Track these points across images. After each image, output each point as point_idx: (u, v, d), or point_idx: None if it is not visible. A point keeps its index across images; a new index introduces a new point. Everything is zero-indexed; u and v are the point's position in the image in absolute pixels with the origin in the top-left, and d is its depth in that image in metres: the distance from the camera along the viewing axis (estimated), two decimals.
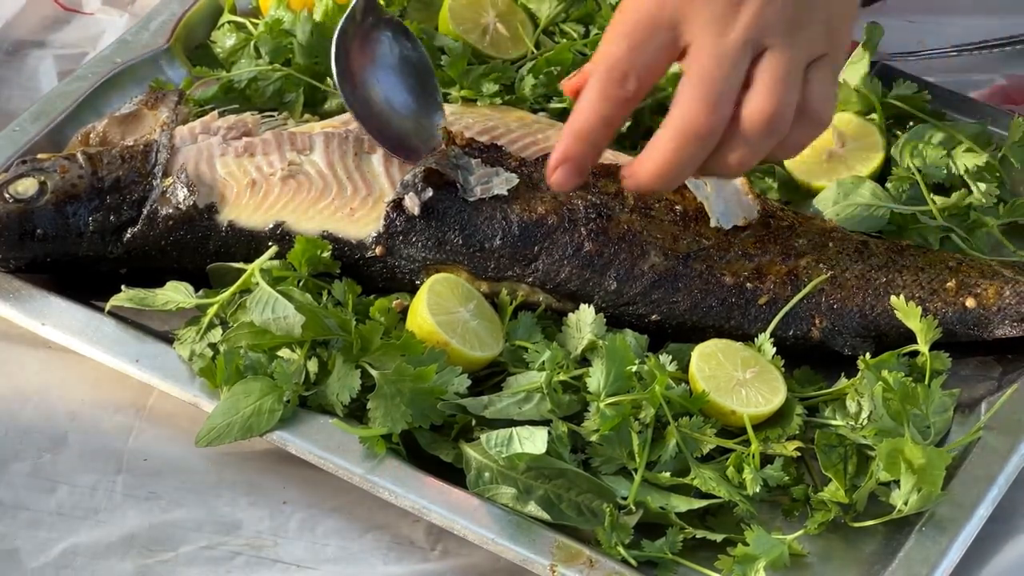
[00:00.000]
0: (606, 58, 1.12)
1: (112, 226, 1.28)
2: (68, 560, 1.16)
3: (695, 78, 1.10)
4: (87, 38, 1.58)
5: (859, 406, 1.20)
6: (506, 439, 1.15)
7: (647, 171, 1.13)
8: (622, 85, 1.12)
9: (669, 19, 1.10)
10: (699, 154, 1.11)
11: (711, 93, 1.09)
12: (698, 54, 1.10)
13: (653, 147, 1.12)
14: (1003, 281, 1.27)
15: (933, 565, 1.12)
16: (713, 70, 1.09)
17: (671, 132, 1.11)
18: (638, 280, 1.26)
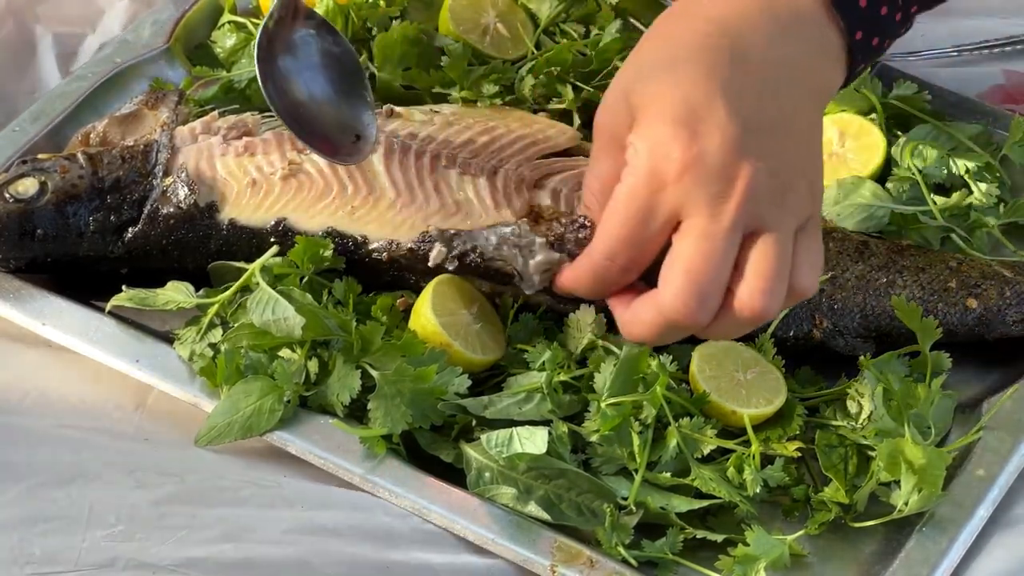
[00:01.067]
0: (604, 235, 1.09)
1: (112, 226, 1.28)
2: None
3: (686, 265, 1.05)
4: (85, 16, 1.57)
5: (859, 407, 1.20)
6: (506, 439, 1.15)
7: (632, 336, 1.10)
8: (616, 271, 1.09)
9: (666, 205, 1.06)
10: (683, 334, 1.09)
11: (701, 289, 1.05)
12: (689, 236, 1.05)
13: (638, 316, 1.09)
14: (1003, 281, 1.27)
15: (933, 565, 1.12)
16: (703, 261, 1.04)
17: (660, 315, 1.07)
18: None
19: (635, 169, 1.06)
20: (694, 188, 1.04)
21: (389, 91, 1.42)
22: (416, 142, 1.31)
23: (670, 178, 1.04)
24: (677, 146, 1.04)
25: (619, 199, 1.07)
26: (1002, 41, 1.59)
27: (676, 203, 1.05)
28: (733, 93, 1.05)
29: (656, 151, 1.05)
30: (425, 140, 1.32)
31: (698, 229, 1.05)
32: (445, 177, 1.29)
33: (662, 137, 1.05)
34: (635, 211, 1.06)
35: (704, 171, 1.04)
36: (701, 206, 1.04)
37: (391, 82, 1.42)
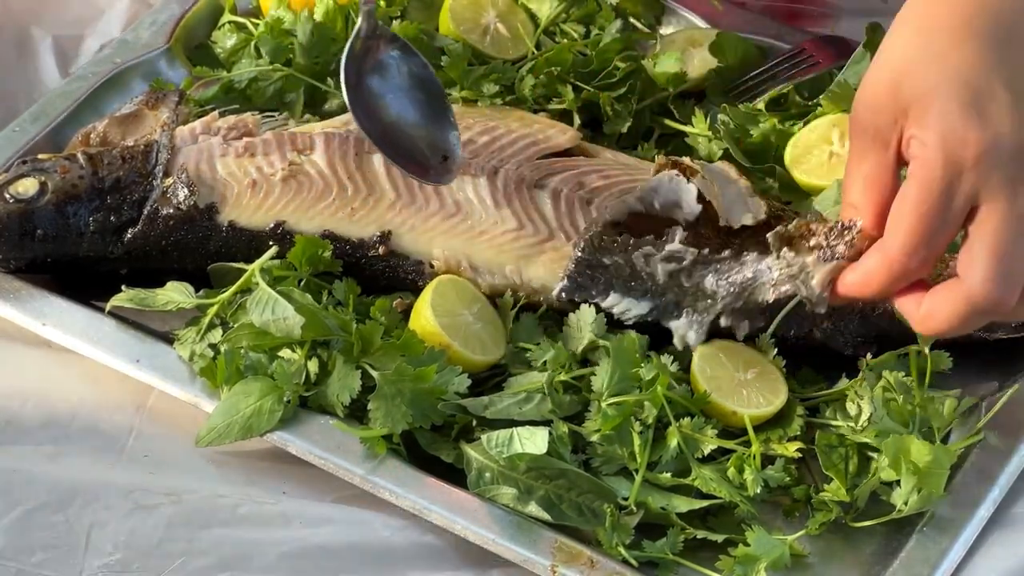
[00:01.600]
0: (902, 224, 1.07)
1: (112, 226, 1.28)
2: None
3: (990, 250, 1.05)
4: (85, 17, 1.57)
5: (859, 407, 1.20)
6: (507, 439, 1.15)
7: (933, 330, 1.08)
8: (916, 265, 1.07)
9: (965, 189, 1.05)
10: (985, 321, 1.08)
11: (1009, 272, 1.05)
12: (990, 220, 1.05)
13: (939, 307, 1.07)
14: None
15: (934, 565, 1.12)
16: (1009, 245, 1.04)
17: (965, 303, 1.06)
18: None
19: (927, 160, 1.05)
20: (992, 172, 1.04)
21: None
22: None
23: (967, 164, 1.04)
24: (970, 131, 1.04)
25: (913, 193, 1.06)
26: None
27: (974, 189, 1.04)
28: (1013, 73, 1.05)
29: (949, 137, 1.04)
30: None
31: (999, 213, 1.04)
32: None
33: (953, 123, 1.04)
34: (933, 202, 1.05)
35: (1001, 154, 1.03)
36: (1001, 189, 1.04)
37: None
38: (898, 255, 1.07)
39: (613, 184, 1.31)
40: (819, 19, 1.62)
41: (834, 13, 1.63)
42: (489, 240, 1.27)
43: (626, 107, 1.41)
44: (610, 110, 1.40)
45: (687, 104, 1.44)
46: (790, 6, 1.64)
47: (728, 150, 1.38)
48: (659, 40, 1.51)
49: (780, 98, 1.43)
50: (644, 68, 1.43)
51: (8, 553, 1.13)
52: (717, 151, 1.39)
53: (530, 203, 1.29)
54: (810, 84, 1.44)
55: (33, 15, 1.56)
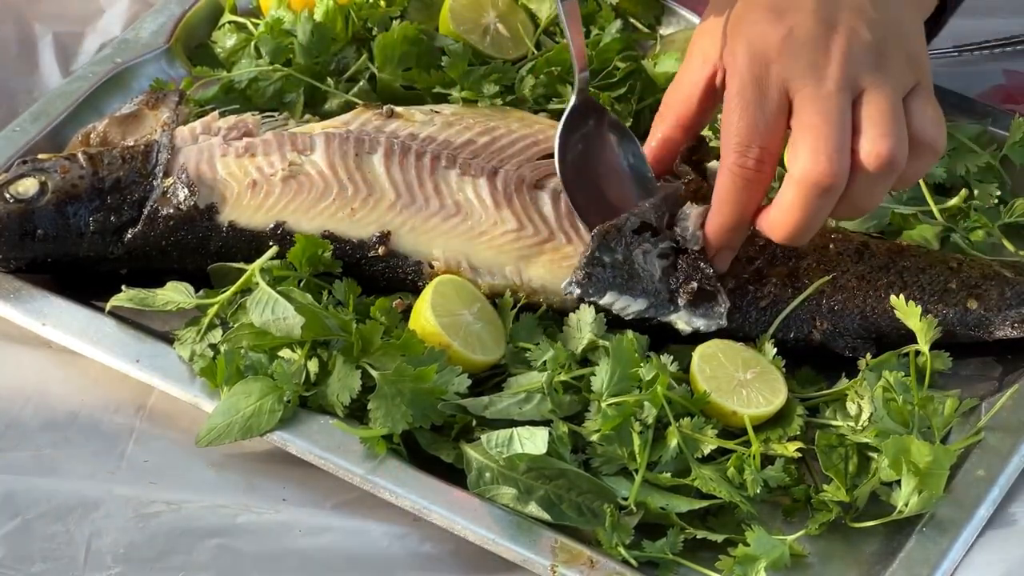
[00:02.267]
0: (730, 135, 1.16)
1: (113, 226, 1.28)
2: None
3: (807, 132, 1.13)
4: (88, 16, 1.57)
5: (859, 407, 1.20)
6: (507, 439, 1.15)
7: (781, 230, 1.17)
8: (753, 164, 1.16)
9: (776, 81, 1.15)
10: (827, 205, 1.15)
11: (828, 146, 1.13)
12: (803, 106, 1.14)
13: (780, 205, 1.16)
14: (1004, 282, 1.27)
15: (934, 566, 1.12)
16: (823, 122, 1.13)
17: (796, 189, 1.14)
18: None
19: (738, 65, 1.16)
20: (793, 60, 1.13)
21: (389, 91, 1.42)
22: (416, 143, 1.31)
23: (772, 55, 1.14)
24: (769, 27, 1.14)
25: (731, 96, 1.16)
26: (1002, 41, 1.59)
27: (782, 78, 1.14)
28: None
29: (752, 38, 1.15)
30: (426, 141, 1.32)
31: (808, 97, 1.13)
32: (445, 178, 1.29)
33: (755, 26, 1.15)
34: (749, 97, 1.15)
35: (798, 42, 1.14)
36: (805, 75, 1.13)
37: (391, 82, 1.42)
38: (732, 158, 1.17)
39: None
40: None
41: None
42: (489, 240, 1.27)
43: (626, 107, 1.41)
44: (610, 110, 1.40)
45: None
46: None
47: None
48: (659, 40, 1.51)
49: None
50: (644, 68, 1.43)
51: (8, 562, 1.13)
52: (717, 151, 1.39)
53: (530, 203, 1.29)
54: None
55: (33, 14, 1.56)
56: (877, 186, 1.15)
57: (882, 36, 1.16)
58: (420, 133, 1.32)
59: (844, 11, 1.16)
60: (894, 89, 1.14)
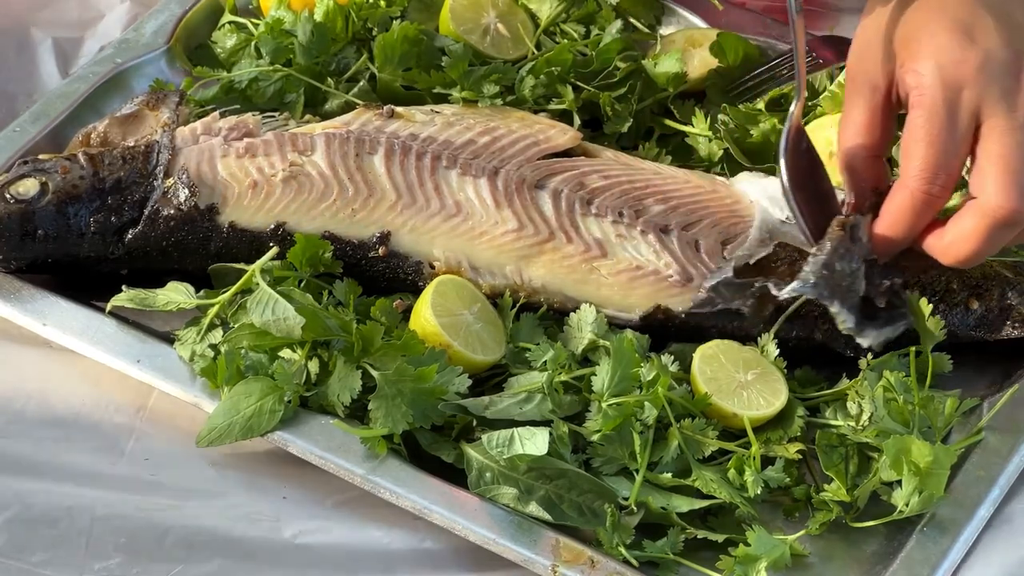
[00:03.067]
0: (915, 155, 1.12)
1: (113, 227, 1.28)
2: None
3: (997, 163, 1.10)
4: (88, 20, 1.57)
5: (860, 407, 1.20)
6: (507, 439, 1.15)
7: (954, 256, 1.14)
8: (938, 191, 1.13)
9: (967, 106, 1.11)
10: (1007, 237, 1.13)
11: (1019, 180, 1.10)
12: (993, 135, 1.11)
13: (960, 233, 1.13)
14: (1004, 282, 1.27)
15: (934, 565, 1.12)
16: (1014, 154, 1.10)
17: (981, 219, 1.11)
18: None
19: (927, 87, 1.12)
20: (989, 85, 1.10)
21: (389, 91, 1.42)
22: (417, 143, 1.31)
23: (966, 81, 1.11)
24: (963, 50, 1.11)
25: (919, 120, 1.12)
26: None
27: (975, 103, 1.11)
28: (983, 4, 1.13)
29: (944, 61, 1.11)
30: (426, 141, 1.32)
31: (1001, 126, 1.10)
32: (446, 178, 1.30)
33: (946, 48, 1.11)
34: (940, 123, 1.11)
35: (995, 67, 1.11)
36: (998, 101, 1.10)
37: (391, 82, 1.42)
38: (917, 183, 1.13)
39: (613, 184, 1.31)
40: (819, 19, 1.62)
41: (834, 13, 1.63)
42: (489, 240, 1.28)
43: (626, 107, 1.41)
44: (610, 110, 1.40)
45: (687, 104, 1.45)
46: None
47: (728, 150, 1.39)
48: (659, 40, 1.51)
49: (780, 98, 1.43)
50: (644, 68, 1.43)
51: (9, 552, 1.13)
52: (717, 151, 1.39)
53: (530, 203, 1.29)
54: (810, 84, 1.44)
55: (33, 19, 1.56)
56: None
57: None
58: (420, 133, 1.32)
59: (1022, 33, 1.13)
60: None
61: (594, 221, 1.29)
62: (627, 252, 1.27)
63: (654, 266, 1.27)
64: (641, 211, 1.30)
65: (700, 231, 1.29)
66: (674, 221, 1.29)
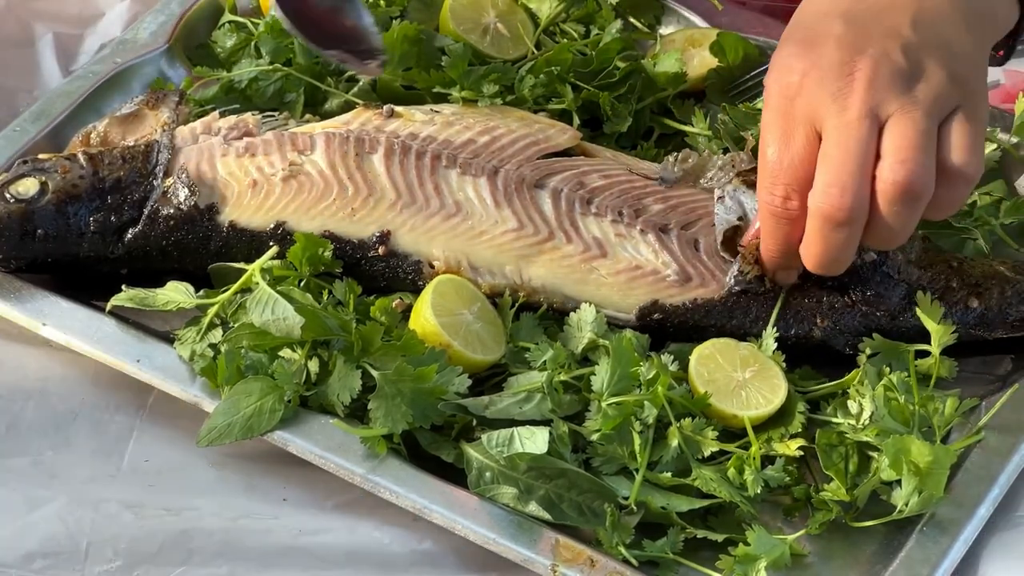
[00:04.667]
0: (762, 173, 1.16)
1: (113, 226, 1.28)
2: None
3: (827, 161, 1.11)
4: (87, 18, 1.57)
5: (860, 406, 1.20)
6: (507, 439, 1.15)
7: (809, 261, 1.16)
8: (780, 203, 1.15)
9: (800, 115, 1.13)
10: (848, 236, 1.13)
11: (841, 177, 1.10)
12: (826, 137, 1.12)
13: (807, 236, 1.15)
14: (1004, 281, 1.27)
15: (934, 565, 1.12)
16: (841, 152, 1.10)
17: (815, 223, 1.13)
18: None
19: (769, 101, 1.15)
20: (818, 89, 1.11)
21: (389, 91, 1.42)
22: (417, 142, 1.31)
23: (794, 90, 1.12)
24: (796, 60, 1.13)
25: (762, 132, 1.15)
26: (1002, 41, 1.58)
27: (807, 111, 1.12)
28: (842, 5, 1.14)
29: (781, 71, 1.14)
30: (426, 140, 1.32)
31: (830, 128, 1.11)
32: (445, 178, 1.30)
33: (784, 60, 1.14)
34: (776, 134, 1.14)
35: (821, 72, 1.12)
36: (827, 105, 1.11)
37: (391, 82, 1.42)
38: (764, 197, 1.16)
39: (613, 184, 1.31)
40: None
41: None
42: (489, 240, 1.28)
43: (626, 107, 1.41)
44: (610, 110, 1.40)
45: (687, 104, 1.45)
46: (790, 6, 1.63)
47: (728, 150, 1.39)
48: (659, 40, 1.51)
49: None
50: (644, 68, 1.43)
51: (9, 560, 1.13)
52: (717, 151, 1.39)
53: (530, 203, 1.29)
54: None
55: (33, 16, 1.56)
56: (900, 216, 1.12)
57: (918, 59, 1.12)
58: (420, 133, 1.32)
59: (875, 36, 1.12)
60: (926, 113, 1.10)
61: (594, 220, 1.29)
62: (626, 252, 1.27)
63: (653, 266, 1.27)
64: (641, 210, 1.30)
65: (700, 230, 1.29)
66: (674, 220, 1.29)
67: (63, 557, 1.14)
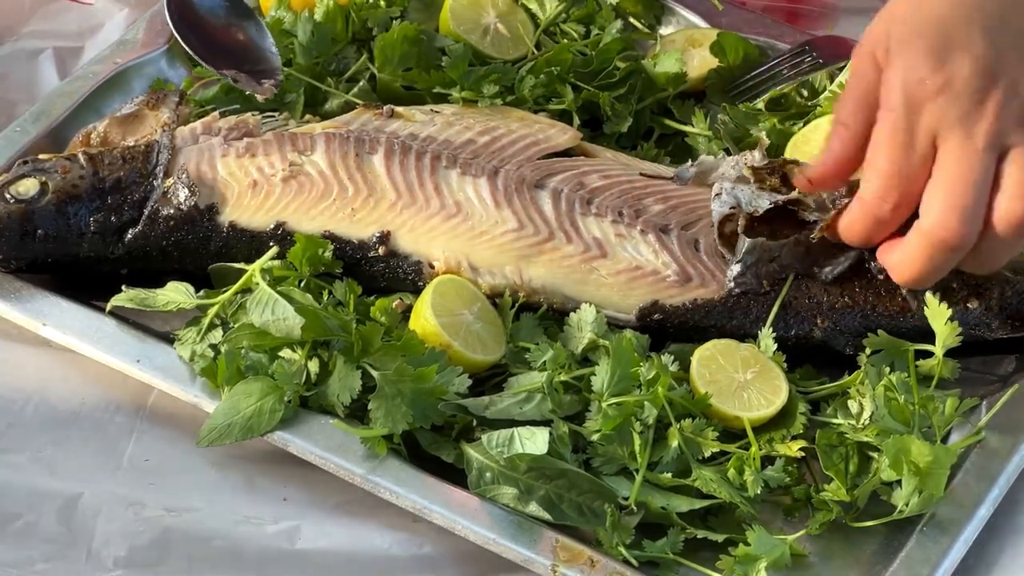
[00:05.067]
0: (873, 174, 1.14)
1: (113, 226, 1.28)
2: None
3: (946, 185, 1.11)
4: (87, 30, 1.57)
5: (860, 406, 1.20)
6: (507, 439, 1.15)
7: (901, 275, 1.16)
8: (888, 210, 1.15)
9: (925, 128, 1.12)
10: (952, 260, 1.14)
11: (962, 204, 1.10)
12: (947, 158, 1.11)
13: (905, 252, 1.15)
14: (1004, 281, 1.27)
15: (934, 565, 1.12)
16: (963, 178, 1.10)
17: (922, 240, 1.13)
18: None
19: (892, 102, 1.13)
20: (947, 109, 1.10)
21: (389, 91, 1.42)
22: (417, 143, 1.31)
23: (925, 102, 1.11)
24: (928, 71, 1.11)
25: (880, 136, 1.14)
26: None
27: (933, 126, 1.11)
28: (986, 15, 1.12)
29: (909, 78, 1.12)
30: (426, 141, 1.32)
31: (954, 151, 1.11)
32: (446, 178, 1.30)
33: (914, 65, 1.12)
34: (898, 143, 1.12)
35: (955, 92, 1.11)
36: (955, 127, 1.10)
37: (391, 82, 1.42)
38: (870, 198, 1.15)
39: (613, 184, 1.31)
40: (819, 19, 1.62)
41: (834, 13, 1.63)
42: (489, 240, 1.28)
43: (626, 107, 1.42)
44: (610, 110, 1.40)
45: (687, 104, 1.45)
46: (790, 6, 1.64)
47: (728, 150, 1.39)
48: (659, 40, 1.51)
49: (780, 98, 1.43)
50: (644, 68, 1.43)
51: (10, 561, 1.13)
52: (717, 151, 1.39)
53: (530, 203, 1.29)
54: (810, 84, 1.44)
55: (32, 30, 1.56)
56: (1006, 246, 1.13)
57: None
58: (420, 133, 1.33)
59: (1010, 61, 1.12)
60: None
61: (594, 221, 1.29)
62: (626, 252, 1.27)
63: (653, 266, 1.27)
64: (641, 211, 1.30)
65: (700, 230, 1.29)
66: (674, 220, 1.29)
67: (64, 561, 1.14)
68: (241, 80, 1.35)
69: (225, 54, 1.37)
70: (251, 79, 1.35)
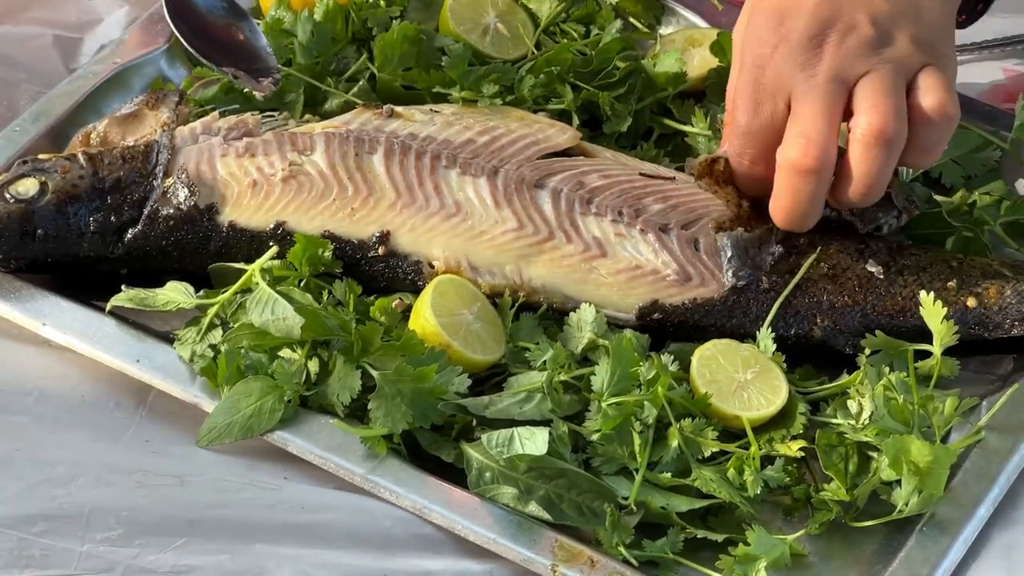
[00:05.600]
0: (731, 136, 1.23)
1: (113, 226, 1.28)
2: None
3: (793, 121, 1.18)
4: (87, 23, 1.57)
5: (860, 406, 1.20)
6: (507, 439, 1.15)
7: (780, 218, 1.23)
8: (742, 161, 1.23)
9: (769, 87, 1.19)
10: (815, 187, 1.19)
11: (807, 128, 1.16)
12: (795, 103, 1.18)
13: (776, 194, 1.21)
14: (1004, 281, 1.27)
15: (934, 565, 1.12)
16: (806, 110, 1.17)
17: (782, 174, 1.19)
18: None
19: (740, 65, 1.21)
20: (786, 63, 1.18)
21: (389, 91, 1.42)
22: (416, 142, 1.31)
23: (767, 59, 1.18)
24: (767, 34, 1.19)
25: (732, 96, 1.22)
26: (1002, 41, 1.59)
27: (777, 81, 1.19)
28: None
29: (752, 40, 1.20)
30: (426, 140, 1.32)
31: (799, 96, 1.18)
32: (445, 177, 1.30)
33: (756, 27, 1.20)
34: (746, 101, 1.20)
35: (791, 45, 1.18)
36: (796, 74, 1.18)
37: (391, 82, 1.42)
38: (732, 156, 1.23)
39: (613, 184, 1.31)
40: None
41: None
42: (489, 240, 1.28)
43: (626, 107, 1.41)
44: (610, 110, 1.40)
45: (687, 104, 1.45)
46: None
47: None
48: (659, 40, 1.51)
49: None
50: (644, 68, 1.43)
51: (9, 522, 1.13)
52: None
53: (530, 203, 1.29)
54: None
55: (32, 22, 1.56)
56: (877, 161, 1.17)
57: (886, 27, 1.18)
58: (420, 133, 1.33)
59: (846, 8, 1.18)
60: (894, 70, 1.17)
61: (593, 220, 1.29)
62: (626, 251, 1.27)
63: (653, 265, 1.27)
64: (640, 210, 1.30)
65: (699, 230, 1.29)
66: (673, 220, 1.29)
67: (64, 522, 1.14)
68: (241, 77, 1.35)
69: (224, 52, 1.37)
70: (250, 77, 1.36)
